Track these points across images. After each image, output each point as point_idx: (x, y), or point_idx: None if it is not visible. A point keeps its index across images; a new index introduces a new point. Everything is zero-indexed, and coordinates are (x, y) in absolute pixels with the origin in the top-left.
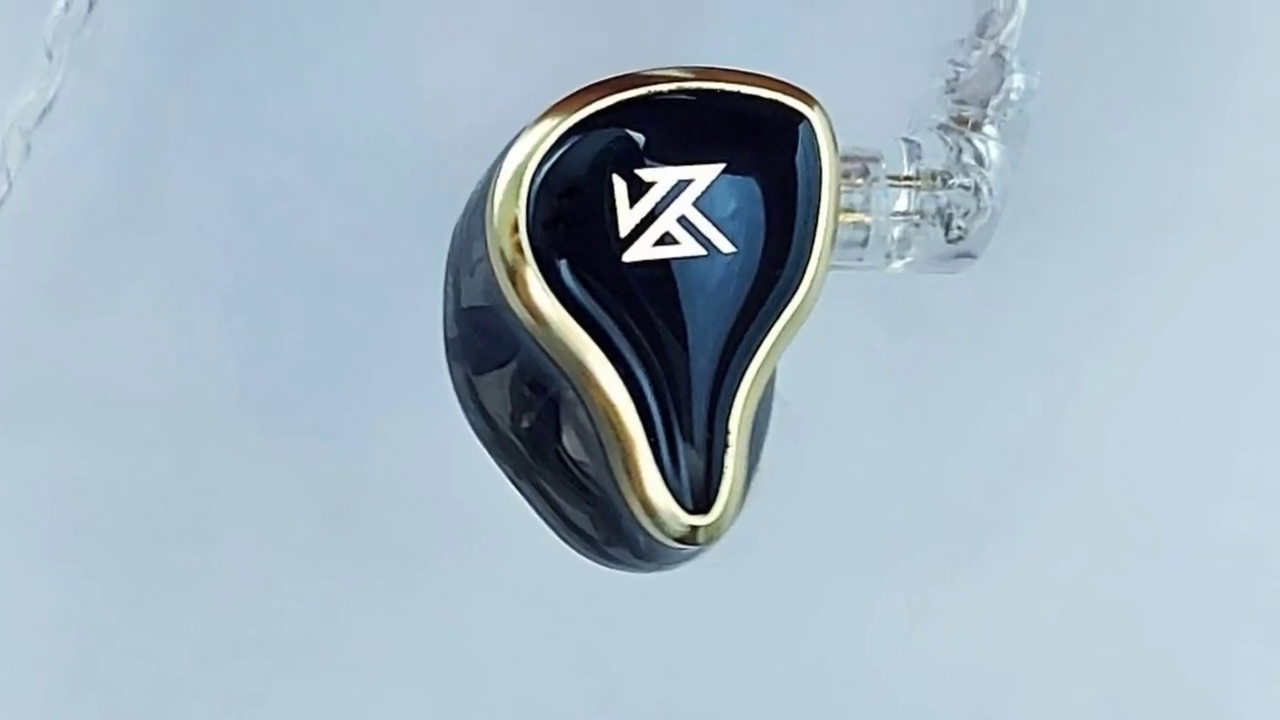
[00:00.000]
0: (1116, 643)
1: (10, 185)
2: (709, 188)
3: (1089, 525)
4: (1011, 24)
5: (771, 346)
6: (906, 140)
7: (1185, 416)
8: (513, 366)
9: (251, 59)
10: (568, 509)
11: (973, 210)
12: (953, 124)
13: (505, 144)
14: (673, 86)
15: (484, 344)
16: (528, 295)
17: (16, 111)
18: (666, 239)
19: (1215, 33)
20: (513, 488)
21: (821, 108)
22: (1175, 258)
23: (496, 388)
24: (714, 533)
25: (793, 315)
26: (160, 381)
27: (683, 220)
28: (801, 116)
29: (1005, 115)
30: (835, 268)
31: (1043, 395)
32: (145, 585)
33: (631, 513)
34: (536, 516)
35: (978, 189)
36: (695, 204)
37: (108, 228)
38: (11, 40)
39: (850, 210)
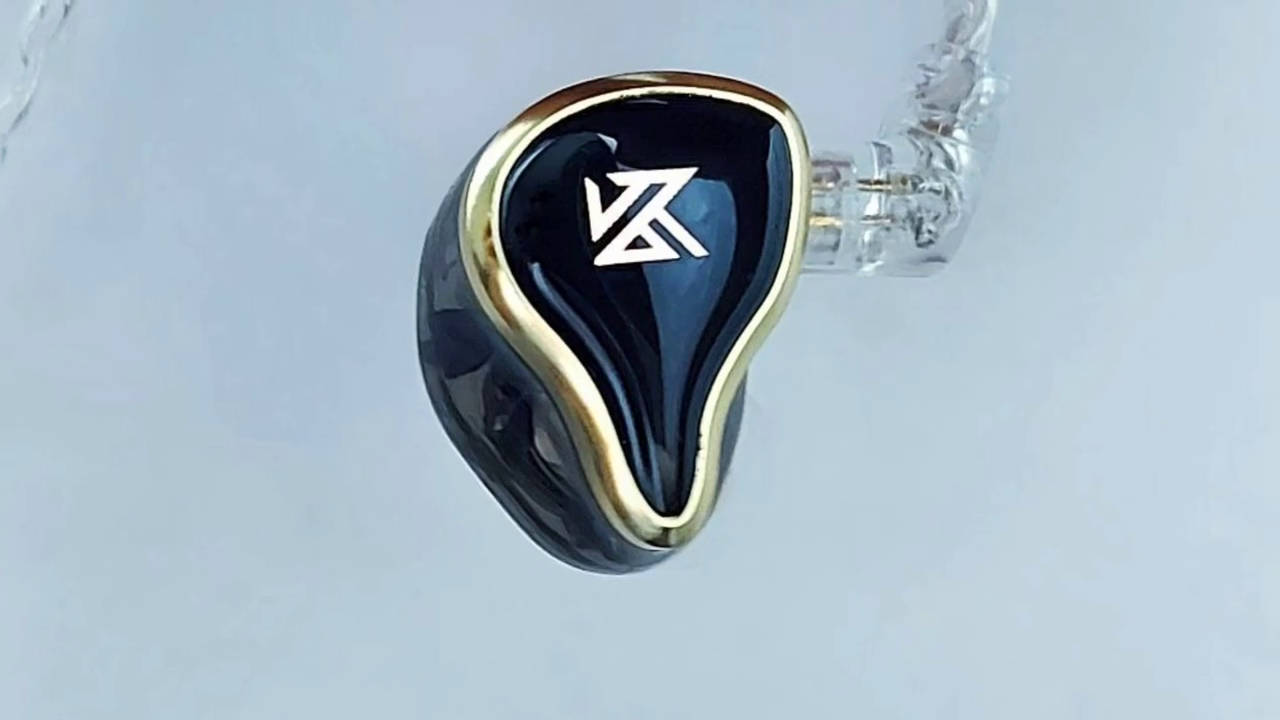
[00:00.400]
0: (1086, 644)
1: None
2: (681, 192)
3: (1060, 527)
4: (981, 29)
5: (743, 350)
6: (877, 144)
7: (1155, 419)
8: (486, 369)
9: (227, 64)
10: (540, 511)
11: (943, 214)
12: (923, 128)
13: (479, 148)
14: (645, 91)
15: (457, 347)
16: (500, 299)
17: None
18: (639, 243)
19: (1184, 37)
20: (486, 490)
21: (793, 112)
22: (1145, 261)
23: (469, 391)
24: (685, 535)
25: (764, 319)
26: (136, 385)
27: (655, 224)
28: (773, 121)
29: (975, 120)
30: (806, 271)
31: (1013, 398)
32: (120, 587)
33: (604, 515)
34: (509, 518)
35: (948, 193)
36: (667, 208)
37: (83, 232)
38: None
39: (821, 214)
